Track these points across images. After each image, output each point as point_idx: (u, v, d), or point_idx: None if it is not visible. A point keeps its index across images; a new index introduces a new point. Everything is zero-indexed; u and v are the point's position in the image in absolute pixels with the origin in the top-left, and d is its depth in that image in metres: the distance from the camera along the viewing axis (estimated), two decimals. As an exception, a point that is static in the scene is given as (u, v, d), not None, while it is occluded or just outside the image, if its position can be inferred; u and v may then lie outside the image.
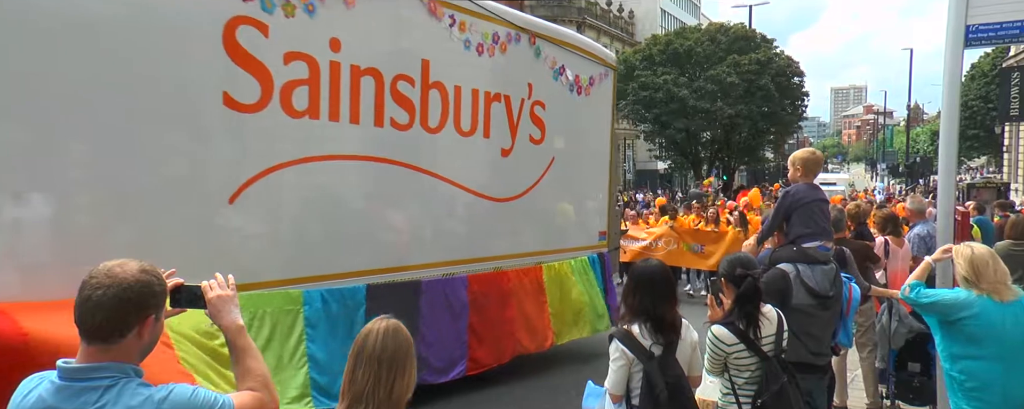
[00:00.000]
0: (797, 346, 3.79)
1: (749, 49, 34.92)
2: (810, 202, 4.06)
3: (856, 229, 6.48)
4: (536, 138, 7.12)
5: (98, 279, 1.70)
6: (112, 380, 1.69)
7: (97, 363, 1.70)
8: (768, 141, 40.31)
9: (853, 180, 57.66)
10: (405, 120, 5.67)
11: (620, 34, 52.80)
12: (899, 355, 5.71)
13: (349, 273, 5.27)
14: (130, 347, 1.74)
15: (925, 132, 72.59)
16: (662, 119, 34.49)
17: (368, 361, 2.01)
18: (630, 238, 12.04)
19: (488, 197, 6.59)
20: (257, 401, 1.89)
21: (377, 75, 5.39)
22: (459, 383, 7.12)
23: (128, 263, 1.75)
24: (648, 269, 3.28)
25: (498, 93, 6.62)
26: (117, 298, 1.68)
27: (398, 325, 2.11)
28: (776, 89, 33.88)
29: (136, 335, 1.74)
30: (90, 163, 3.80)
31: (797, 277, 3.90)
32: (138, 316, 1.73)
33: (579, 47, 7.80)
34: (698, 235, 11.63)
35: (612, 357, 3.20)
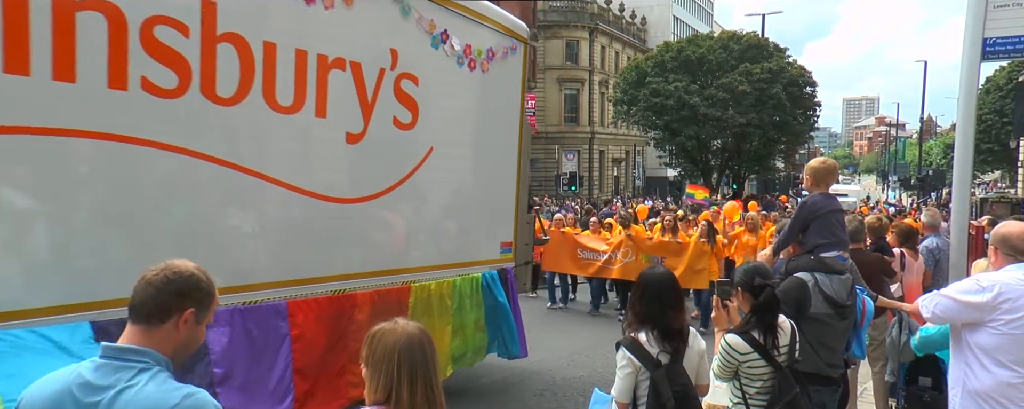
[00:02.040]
0: (812, 356, 3.78)
1: (761, 58, 34.82)
2: (827, 212, 4.05)
3: (875, 242, 6.42)
4: (404, 122, 5.37)
5: (157, 266, 1.86)
6: (147, 364, 1.78)
7: (138, 346, 1.80)
8: (779, 150, 40.15)
9: (867, 192, 57.34)
10: (170, 83, 3.86)
11: (632, 40, 52.85)
12: (909, 369, 5.64)
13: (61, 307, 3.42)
14: (168, 337, 1.83)
15: (938, 145, 72.15)
16: (672, 126, 34.43)
17: (423, 372, 2.03)
18: (589, 250, 11.22)
19: (325, 197, 4.80)
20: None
21: (111, 12, 3.58)
22: (459, 391, 7.10)
23: (187, 262, 1.90)
24: (655, 277, 3.27)
25: (339, 58, 4.84)
26: (166, 279, 1.83)
27: (420, 328, 2.12)
28: (788, 98, 33.75)
29: (173, 325, 1.83)
30: None
31: (815, 286, 3.89)
32: (179, 302, 1.83)
33: (472, 10, 6.01)
34: (657, 247, 10.62)
35: (619, 365, 3.17)
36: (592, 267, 11.15)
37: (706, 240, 10.21)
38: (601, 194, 42.92)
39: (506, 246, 6.64)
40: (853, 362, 4.49)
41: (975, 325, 3.24)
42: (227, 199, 4.32)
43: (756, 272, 3.35)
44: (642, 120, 36.24)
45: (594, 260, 11.15)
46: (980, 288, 3.21)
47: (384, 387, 2.02)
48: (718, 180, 38.66)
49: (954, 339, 3.46)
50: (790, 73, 34.73)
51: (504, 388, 7.12)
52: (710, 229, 10.35)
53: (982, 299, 3.18)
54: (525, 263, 6.99)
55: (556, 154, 45.15)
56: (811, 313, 3.82)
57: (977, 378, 3.23)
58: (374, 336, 2.09)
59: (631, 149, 53.15)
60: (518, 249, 6.77)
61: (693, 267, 10.08)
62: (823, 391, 3.85)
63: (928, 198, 40.60)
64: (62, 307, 3.43)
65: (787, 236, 4.20)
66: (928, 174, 48.33)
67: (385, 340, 2.06)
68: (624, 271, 10.71)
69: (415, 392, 2.00)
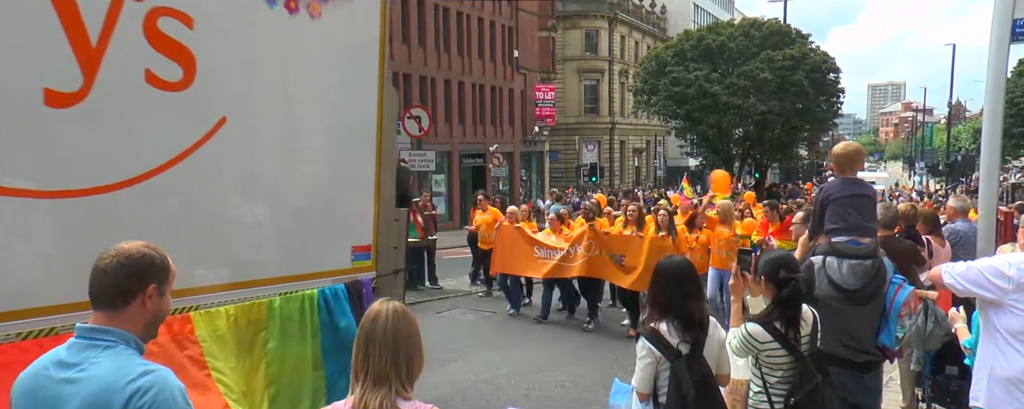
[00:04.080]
0: (830, 339, 3.79)
1: (783, 45, 34.33)
2: (841, 197, 4.06)
3: (905, 230, 6.32)
4: (169, 79, 3.75)
5: (107, 253, 1.94)
6: (112, 342, 1.89)
7: (104, 326, 1.91)
8: (802, 138, 39.61)
9: (896, 179, 56.44)
10: None
11: (652, 29, 52.41)
12: (936, 358, 5.57)
13: None
14: (134, 316, 1.93)
15: (967, 130, 70.74)
16: (693, 115, 34.11)
17: (383, 341, 2.07)
18: (546, 248, 9.79)
19: (9, 191, 3.19)
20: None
21: None
22: (479, 380, 7.15)
23: (135, 242, 1.98)
24: (675, 265, 3.27)
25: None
26: (119, 265, 1.91)
27: (402, 306, 2.17)
28: (810, 85, 33.25)
29: (140, 304, 1.93)
30: None
31: (821, 269, 3.94)
32: (139, 283, 1.92)
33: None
34: (618, 241, 9.21)
35: (639, 355, 3.18)
36: (547, 266, 9.70)
37: (666, 234, 8.83)
38: (622, 185, 42.74)
39: (361, 251, 4.91)
40: (890, 353, 4.46)
41: (999, 306, 3.17)
42: None
43: (782, 264, 3.34)
44: (662, 110, 35.94)
45: (549, 259, 9.71)
46: (1008, 264, 3.15)
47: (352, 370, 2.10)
48: (740, 169, 38.26)
49: (984, 323, 3.39)
50: (813, 59, 34.20)
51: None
52: (671, 222, 9.00)
53: (1010, 273, 3.11)
54: (394, 272, 5.17)
55: (576, 145, 45.01)
56: (818, 295, 3.87)
57: (1008, 362, 3.16)
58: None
59: (652, 139, 52.81)
60: (382, 254, 4.99)
61: (651, 266, 8.91)
62: (844, 374, 3.86)
63: (958, 184, 39.86)
64: None
65: (814, 222, 4.28)
66: (957, 160, 47.44)
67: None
68: (588, 267, 9.32)
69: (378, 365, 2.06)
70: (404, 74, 30.12)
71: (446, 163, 32.92)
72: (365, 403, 2.01)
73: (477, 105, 35.19)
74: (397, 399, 2.03)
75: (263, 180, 4.36)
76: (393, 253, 5.25)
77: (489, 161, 32.37)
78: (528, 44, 39.38)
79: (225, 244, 4.13)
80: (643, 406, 3.16)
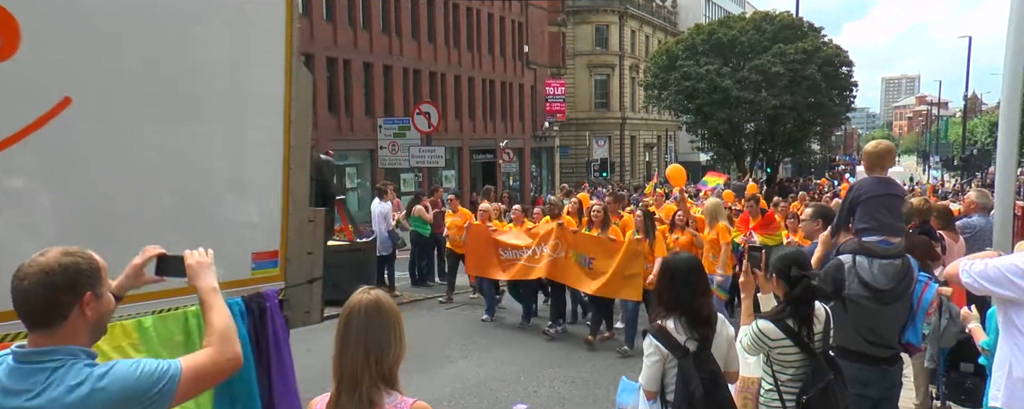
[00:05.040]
0: (854, 336, 3.80)
1: (795, 38, 34.04)
2: (874, 197, 4.00)
3: (919, 225, 6.24)
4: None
5: (23, 270, 1.77)
6: (60, 362, 1.76)
7: (46, 347, 1.77)
8: (814, 132, 39.30)
9: (910, 173, 55.92)
10: None
11: (663, 24, 52.14)
12: (951, 355, 5.49)
13: None
14: (76, 328, 1.80)
15: (983, 123, 69.92)
16: (704, 110, 33.90)
17: (355, 339, 2.05)
18: (511, 248, 9.07)
19: None
20: (209, 357, 1.95)
21: None
22: (489, 377, 7.13)
23: (49, 250, 1.81)
24: (681, 262, 3.23)
25: None
26: (41, 284, 1.75)
27: (380, 296, 2.14)
28: (823, 79, 32.95)
29: (79, 314, 1.79)
30: None
31: (852, 268, 3.87)
32: (72, 296, 1.78)
33: None
34: (589, 243, 8.35)
35: (646, 353, 3.14)
36: (514, 268, 8.98)
37: (644, 237, 7.95)
38: (632, 180, 42.58)
39: (264, 258, 4.19)
40: (913, 349, 4.44)
41: (1020, 305, 3.09)
42: None
43: (794, 262, 3.28)
44: (673, 104, 35.75)
45: (516, 259, 8.99)
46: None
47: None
48: (751, 163, 38.01)
49: (1003, 321, 3.31)
50: (825, 53, 33.89)
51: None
52: (647, 222, 8.11)
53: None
54: (309, 281, 4.48)
55: (587, 140, 44.89)
56: (848, 294, 3.82)
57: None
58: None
59: (663, 134, 52.59)
60: (293, 262, 4.27)
61: (623, 272, 7.85)
62: (868, 370, 3.86)
63: (973, 178, 39.43)
64: None
65: (838, 220, 4.19)
66: (972, 154, 46.93)
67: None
68: (551, 269, 8.47)
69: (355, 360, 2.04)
70: (414, 70, 30.12)
71: (456, 159, 32.92)
72: (339, 406, 2.03)
73: (487, 100, 35.15)
74: (373, 397, 2.02)
75: (127, 176, 3.53)
76: (307, 260, 4.46)
77: (499, 157, 32.34)
78: (538, 39, 39.27)
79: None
80: (650, 404, 3.11)
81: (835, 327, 3.50)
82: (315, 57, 25.25)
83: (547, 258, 8.54)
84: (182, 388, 1.85)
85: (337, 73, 26.39)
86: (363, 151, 27.38)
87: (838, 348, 3.74)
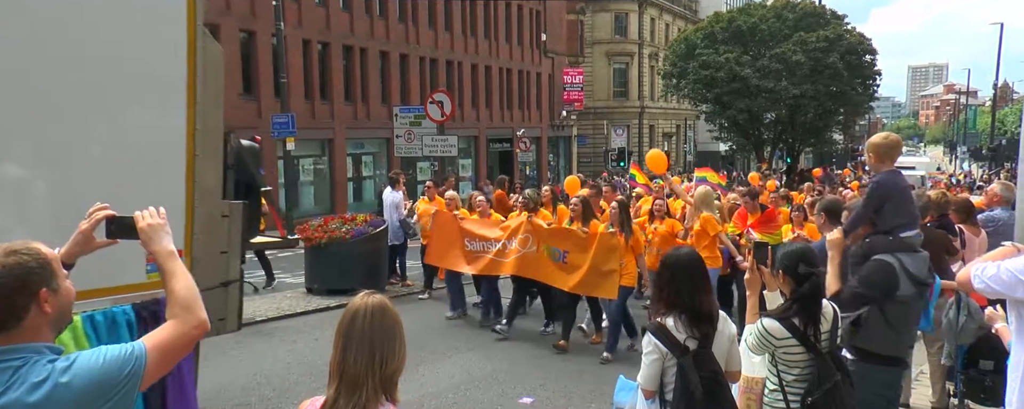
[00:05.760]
0: (894, 339, 3.73)
1: (818, 26, 33.45)
2: (900, 191, 3.91)
3: (937, 219, 6.06)
4: None
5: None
6: (22, 360, 1.70)
7: (6, 346, 1.71)
8: (836, 122, 38.67)
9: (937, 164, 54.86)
10: None
11: (683, 11, 51.50)
12: (969, 352, 5.32)
13: None
14: (37, 325, 1.74)
15: (1014, 112, 68.47)
16: (723, 99, 33.49)
17: (360, 342, 1.97)
18: (478, 239, 8.51)
19: None
20: (173, 330, 1.88)
21: None
22: (497, 369, 7.07)
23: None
24: (682, 258, 3.11)
25: None
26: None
27: (384, 301, 2.05)
28: (845, 67, 32.37)
29: (38, 312, 1.73)
30: None
31: (901, 268, 3.75)
32: (25, 297, 1.71)
33: None
34: (559, 235, 7.83)
35: (644, 351, 3.05)
36: (480, 262, 8.43)
37: (619, 231, 7.37)
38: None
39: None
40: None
41: None
42: None
43: (801, 257, 3.18)
44: (692, 93, 35.35)
45: (483, 253, 8.43)
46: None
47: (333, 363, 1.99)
48: (771, 153, 37.54)
49: (1017, 324, 3.17)
50: (848, 41, 33.27)
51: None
52: (623, 215, 7.50)
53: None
54: (223, 284, 4.00)
55: (605, 129, 44.59)
56: (901, 295, 3.72)
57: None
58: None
59: (682, 123, 52.09)
60: (201, 262, 3.77)
61: (598, 268, 7.29)
62: (894, 372, 3.80)
63: (1001, 168, 38.59)
64: None
65: (861, 216, 3.98)
66: (1001, 144, 45.88)
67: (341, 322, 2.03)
68: (521, 265, 7.97)
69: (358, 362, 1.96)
70: (431, 58, 30.04)
71: (473, 148, 32.85)
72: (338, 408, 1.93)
73: (504, 89, 34.99)
74: (371, 406, 1.93)
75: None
76: (220, 260, 3.94)
77: (516, 146, 32.22)
78: (556, 27, 38.97)
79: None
80: (649, 404, 3.02)
81: (865, 331, 3.43)
82: (331, 45, 25.25)
83: (515, 253, 8.02)
84: (151, 368, 1.79)
85: (353, 61, 26.37)
86: (379, 139, 27.40)
87: (861, 351, 3.62)
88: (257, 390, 6.40)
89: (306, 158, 24.96)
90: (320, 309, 9.51)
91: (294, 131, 18.85)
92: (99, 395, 1.71)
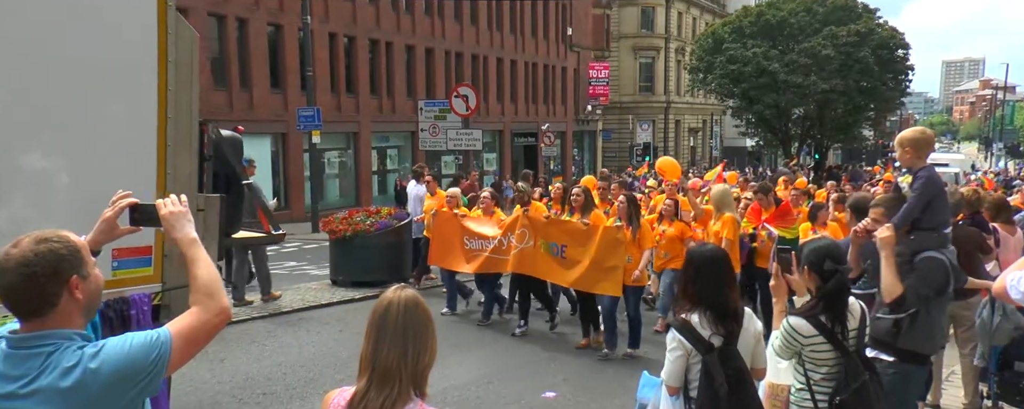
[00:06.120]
0: (935, 338, 3.70)
1: (849, 20, 32.81)
2: (943, 187, 3.90)
3: (971, 216, 5.93)
4: None
5: (4, 265, 1.72)
6: (54, 346, 1.73)
7: (40, 331, 1.74)
8: (866, 118, 37.95)
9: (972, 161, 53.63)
10: None
11: (710, 5, 50.92)
12: (1003, 353, 5.20)
13: None
14: (69, 312, 1.77)
15: (1052, 108, 66.65)
16: (750, 94, 33.03)
17: (393, 335, 1.95)
18: (476, 237, 8.27)
19: None
20: (196, 317, 1.88)
21: None
22: (521, 362, 7.07)
23: (20, 240, 1.75)
24: (708, 254, 3.08)
25: None
26: (23, 276, 1.69)
27: (417, 295, 2.04)
28: (877, 62, 31.72)
29: (69, 299, 1.76)
30: None
31: (950, 264, 3.71)
32: (57, 284, 1.74)
33: None
34: (558, 228, 7.51)
35: (669, 347, 3.01)
36: (478, 260, 8.20)
37: (626, 224, 7.00)
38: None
39: (131, 255, 3.44)
40: None
41: None
42: None
43: (827, 254, 3.11)
44: (718, 88, 34.92)
45: (481, 251, 8.20)
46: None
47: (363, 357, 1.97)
48: (799, 150, 36.98)
49: None
50: (880, 35, 32.60)
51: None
52: (631, 208, 7.11)
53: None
54: (169, 288, 3.75)
55: (630, 124, 44.31)
56: (947, 293, 3.72)
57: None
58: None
59: (708, 118, 51.58)
60: (173, 259, 3.55)
61: (602, 263, 6.99)
62: (923, 370, 3.79)
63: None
64: None
65: (912, 211, 3.84)
66: (1038, 141, 44.69)
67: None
68: (519, 261, 7.73)
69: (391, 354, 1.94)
70: (456, 52, 30.06)
71: (498, 142, 32.85)
72: (367, 401, 1.91)
73: (529, 83, 34.92)
74: (400, 401, 1.91)
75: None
76: (167, 266, 3.64)
77: (541, 140, 32.14)
78: (582, 21, 38.75)
79: None
80: (672, 400, 2.99)
81: (911, 332, 3.42)
82: (358, 39, 25.38)
83: (514, 249, 7.73)
84: (175, 355, 1.80)
85: (379, 55, 26.50)
86: (404, 133, 27.52)
87: (902, 352, 3.55)
88: (283, 380, 6.47)
89: (331, 151, 25.17)
90: (344, 301, 9.59)
91: (320, 124, 18.98)
92: (127, 380, 1.73)
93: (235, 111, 21.19)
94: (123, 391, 1.73)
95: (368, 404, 1.91)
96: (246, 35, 21.72)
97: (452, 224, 8.59)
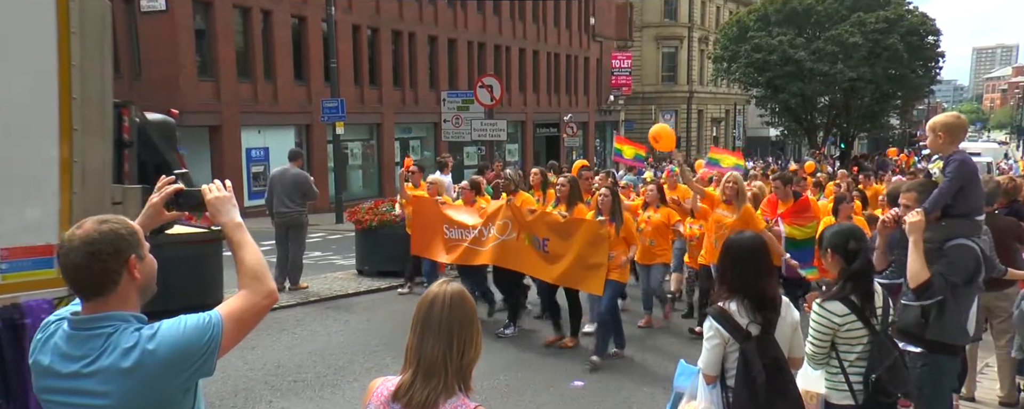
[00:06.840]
0: (966, 328, 3.63)
1: (877, 6, 32.24)
2: (976, 173, 3.81)
3: (1009, 205, 5.82)
4: None
5: (65, 245, 1.80)
6: (113, 327, 1.80)
7: (101, 313, 1.82)
8: (894, 106, 37.31)
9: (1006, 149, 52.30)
10: None
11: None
12: (1041, 345, 5.11)
13: None
14: (127, 292, 1.84)
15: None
16: (775, 83, 32.63)
17: (438, 329, 1.96)
18: (455, 226, 7.82)
19: None
20: (245, 300, 1.93)
21: None
22: (547, 353, 7.09)
23: (84, 222, 1.84)
24: (746, 241, 3.07)
25: None
26: (87, 254, 1.77)
27: (462, 289, 2.05)
28: (905, 49, 31.15)
29: (128, 279, 1.83)
30: None
31: (982, 252, 3.65)
32: (118, 261, 1.81)
33: None
34: (541, 221, 7.02)
35: (706, 336, 3.01)
36: (457, 251, 7.76)
37: (608, 219, 6.66)
38: (698, 155, 41.61)
39: (27, 256, 2.99)
40: None
41: None
42: None
43: (851, 235, 3.15)
44: (743, 77, 34.54)
45: (460, 241, 7.77)
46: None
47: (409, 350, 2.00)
48: (824, 139, 36.50)
49: None
50: (910, 22, 31.99)
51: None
52: (615, 202, 6.77)
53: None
54: None
55: (653, 114, 44.01)
56: (977, 282, 3.65)
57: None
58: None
59: (731, 108, 51.06)
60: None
61: (584, 260, 6.59)
62: (955, 361, 3.71)
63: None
64: None
65: (944, 196, 3.73)
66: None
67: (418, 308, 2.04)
68: (499, 254, 7.29)
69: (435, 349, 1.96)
70: (479, 43, 30.04)
71: (520, 132, 32.82)
72: (412, 393, 1.93)
73: (552, 74, 34.81)
74: (445, 394, 1.93)
75: None
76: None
77: (563, 131, 32.04)
78: (605, 11, 38.49)
79: None
80: (709, 388, 2.99)
81: (939, 323, 3.40)
82: (381, 30, 25.45)
83: (494, 241, 7.30)
84: (227, 337, 1.85)
85: (402, 46, 26.56)
86: (427, 124, 27.60)
87: (933, 343, 3.51)
88: (313, 368, 6.56)
89: (355, 142, 25.33)
90: (371, 290, 9.67)
91: (343, 115, 19.10)
92: (182, 362, 1.78)
93: (260, 103, 21.40)
94: (179, 371, 1.78)
95: (413, 396, 1.93)
96: (270, 27, 21.88)
97: (432, 211, 8.17)
